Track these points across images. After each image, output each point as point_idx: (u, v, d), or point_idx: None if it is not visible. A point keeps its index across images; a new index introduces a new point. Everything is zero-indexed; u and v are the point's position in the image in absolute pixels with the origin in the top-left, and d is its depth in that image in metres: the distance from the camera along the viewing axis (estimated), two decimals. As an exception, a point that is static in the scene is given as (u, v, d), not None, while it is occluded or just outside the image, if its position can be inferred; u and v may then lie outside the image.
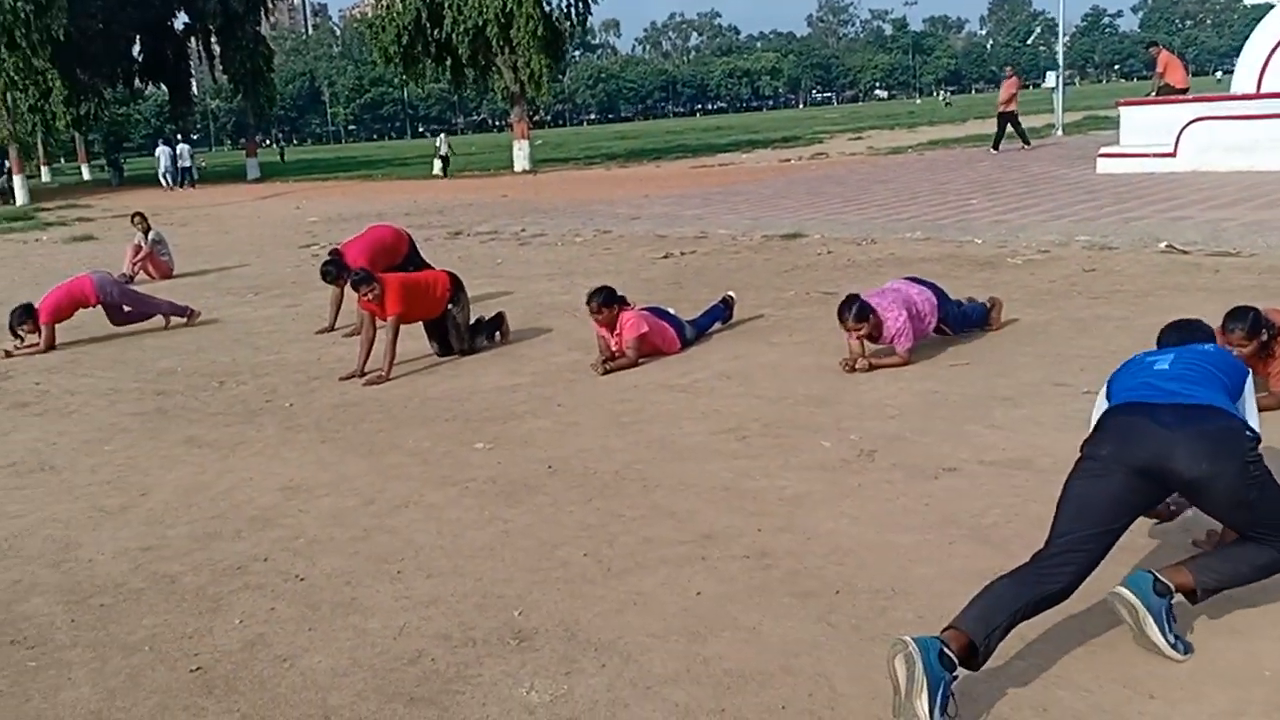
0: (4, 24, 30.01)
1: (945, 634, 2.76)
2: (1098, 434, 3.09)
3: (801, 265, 9.96)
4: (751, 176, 21.53)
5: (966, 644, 2.73)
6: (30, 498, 5.14)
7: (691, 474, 4.65)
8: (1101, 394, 3.26)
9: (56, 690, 3.24)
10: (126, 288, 10.15)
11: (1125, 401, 3.09)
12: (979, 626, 2.77)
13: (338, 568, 3.98)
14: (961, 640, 2.73)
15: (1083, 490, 2.98)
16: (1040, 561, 2.93)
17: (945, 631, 2.77)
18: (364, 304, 7.13)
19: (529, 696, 2.96)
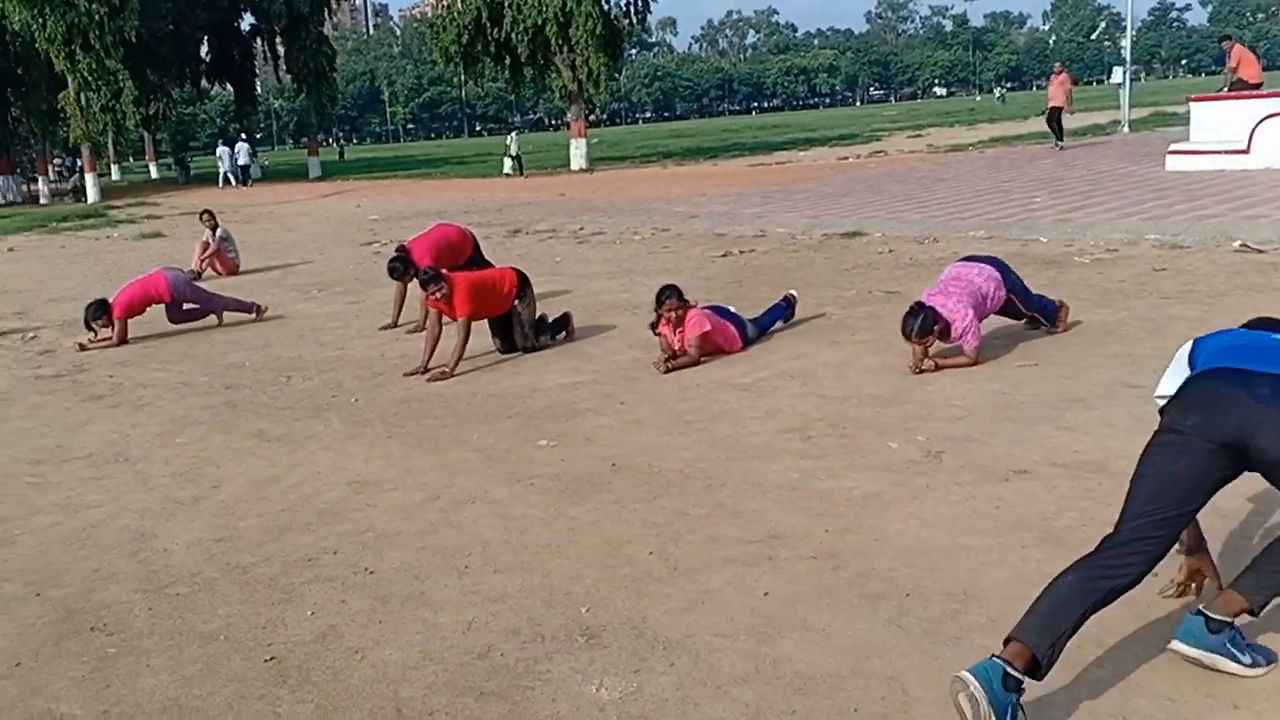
0: (79, 26, 30.65)
1: (1007, 650, 2.65)
2: (1181, 402, 2.83)
3: (862, 264, 9.89)
4: (810, 174, 21.40)
5: (1030, 659, 2.62)
6: (107, 488, 5.26)
7: (757, 473, 4.63)
8: (1180, 356, 3.02)
9: (135, 677, 3.31)
10: (197, 286, 10.33)
11: (1217, 366, 2.83)
12: (1042, 638, 2.64)
13: (406, 562, 4.02)
14: (1025, 655, 2.62)
15: (1161, 467, 2.77)
16: (1107, 551, 2.76)
17: (1007, 646, 2.65)
18: (432, 302, 7.19)
19: (599, 694, 2.97)
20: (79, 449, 6.02)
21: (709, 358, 6.75)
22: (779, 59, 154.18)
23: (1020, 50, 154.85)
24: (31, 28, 30.49)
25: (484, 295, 7.29)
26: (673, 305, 6.66)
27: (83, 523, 4.77)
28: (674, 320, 6.70)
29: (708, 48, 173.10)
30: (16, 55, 35.96)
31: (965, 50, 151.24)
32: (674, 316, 6.68)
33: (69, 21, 30.40)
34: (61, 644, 3.57)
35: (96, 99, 33.56)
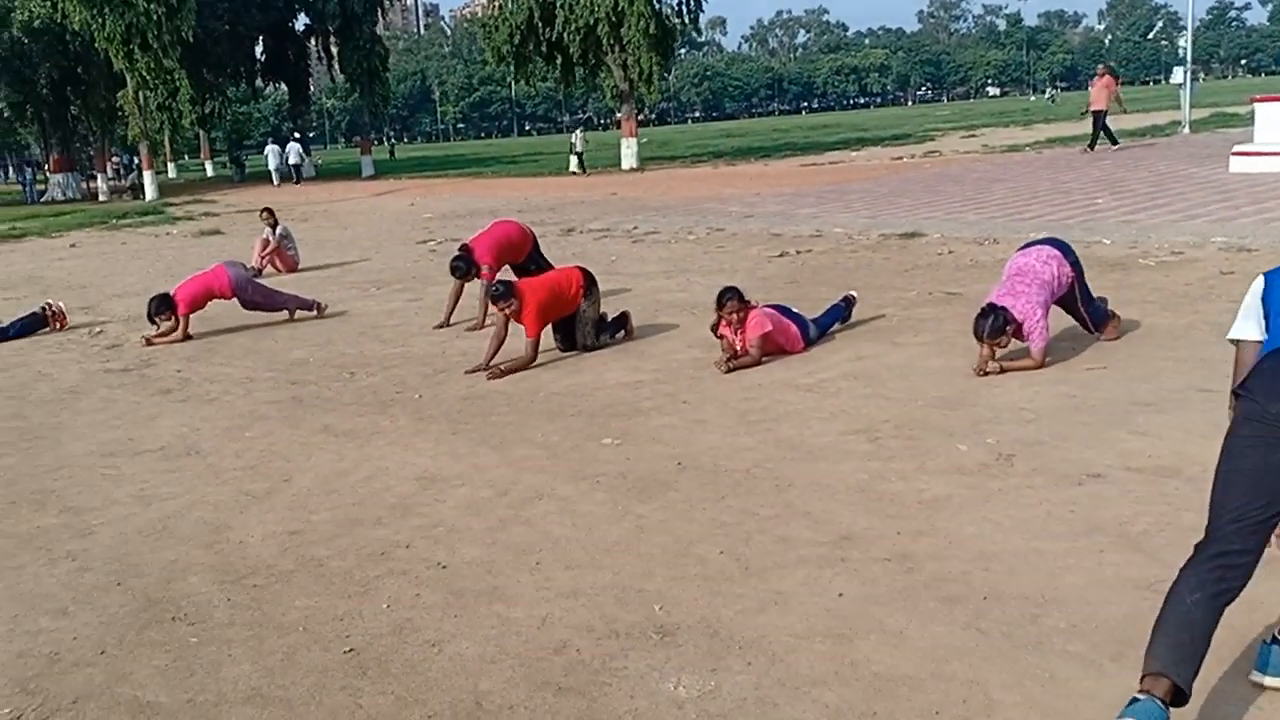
0: (137, 25, 31.17)
1: (1146, 682, 2.49)
2: (1261, 386, 2.58)
3: (922, 265, 9.82)
4: (864, 175, 21.27)
5: (1172, 688, 2.46)
6: (180, 480, 5.36)
7: (824, 474, 4.62)
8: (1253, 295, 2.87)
9: (218, 666, 3.37)
10: (258, 282, 10.45)
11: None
12: (1184, 669, 2.47)
13: (477, 557, 4.06)
14: (1168, 687, 2.46)
15: (1255, 462, 2.52)
16: (1215, 560, 2.55)
17: (1145, 679, 2.49)
18: (501, 312, 7.20)
19: (676, 691, 2.98)
20: (151, 442, 6.14)
21: (770, 358, 6.73)
22: (829, 58, 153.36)
23: (1075, 50, 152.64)
24: (91, 27, 31.04)
25: (553, 307, 7.31)
26: (734, 307, 6.64)
27: (158, 514, 4.87)
28: (735, 322, 6.69)
29: (757, 47, 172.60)
30: (76, 55, 36.67)
31: (1019, 50, 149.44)
32: (735, 318, 6.67)
33: (128, 21, 30.92)
34: (144, 633, 3.65)
35: (154, 98, 34.10)
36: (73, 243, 20.20)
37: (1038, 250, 6.20)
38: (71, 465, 5.78)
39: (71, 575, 4.22)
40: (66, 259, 17.43)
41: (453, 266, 9.01)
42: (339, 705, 3.08)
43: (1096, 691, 2.84)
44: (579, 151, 31.91)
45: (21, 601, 4.00)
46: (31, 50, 35.04)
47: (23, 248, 19.98)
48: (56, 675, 3.40)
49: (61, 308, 10.45)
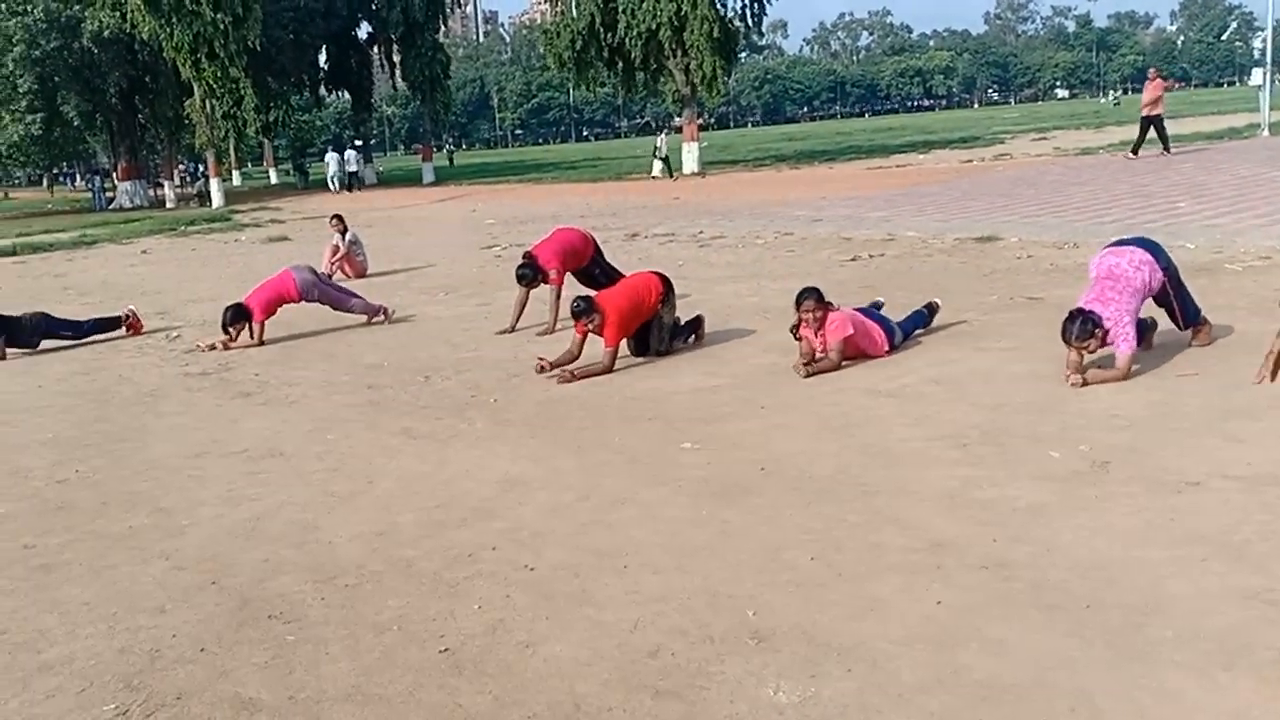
0: (204, 35, 31.82)
1: None
2: None
3: (1000, 269, 9.67)
4: (933, 178, 21.05)
5: None
6: (266, 482, 5.43)
7: (912, 481, 4.56)
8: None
9: (316, 664, 3.40)
10: (324, 284, 10.46)
11: None
12: None
13: (564, 560, 4.06)
14: None
15: None
16: None
17: None
18: (580, 329, 7.16)
19: (776, 697, 2.95)
20: (234, 444, 6.23)
21: (851, 362, 6.65)
22: (893, 60, 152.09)
23: (1146, 51, 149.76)
24: (159, 37, 31.77)
25: (634, 318, 7.29)
26: (810, 307, 6.54)
27: (247, 515, 4.94)
28: (814, 322, 6.61)
29: (819, 50, 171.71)
30: (144, 64, 37.57)
31: (1089, 51, 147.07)
32: (812, 318, 6.59)
33: (195, 31, 31.63)
34: (242, 631, 3.70)
35: (219, 106, 34.82)
36: (144, 249, 20.63)
37: (1130, 254, 6.01)
38: (158, 467, 5.88)
39: (166, 574, 4.29)
40: (139, 265, 17.81)
41: (518, 274, 9.02)
42: (437, 704, 3.09)
43: (1209, 703, 2.77)
44: (664, 156, 31.31)
45: (119, 600, 4.07)
46: (101, 60, 35.86)
47: (96, 254, 20.46)
48: (159, 672, 3.45)
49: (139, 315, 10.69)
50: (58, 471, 5.94)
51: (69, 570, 4.43)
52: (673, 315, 7.59)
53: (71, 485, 5.66)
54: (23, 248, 21.86)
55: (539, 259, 9.09)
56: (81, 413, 7.38)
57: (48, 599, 4.14)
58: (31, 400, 7.92)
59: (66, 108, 36.87)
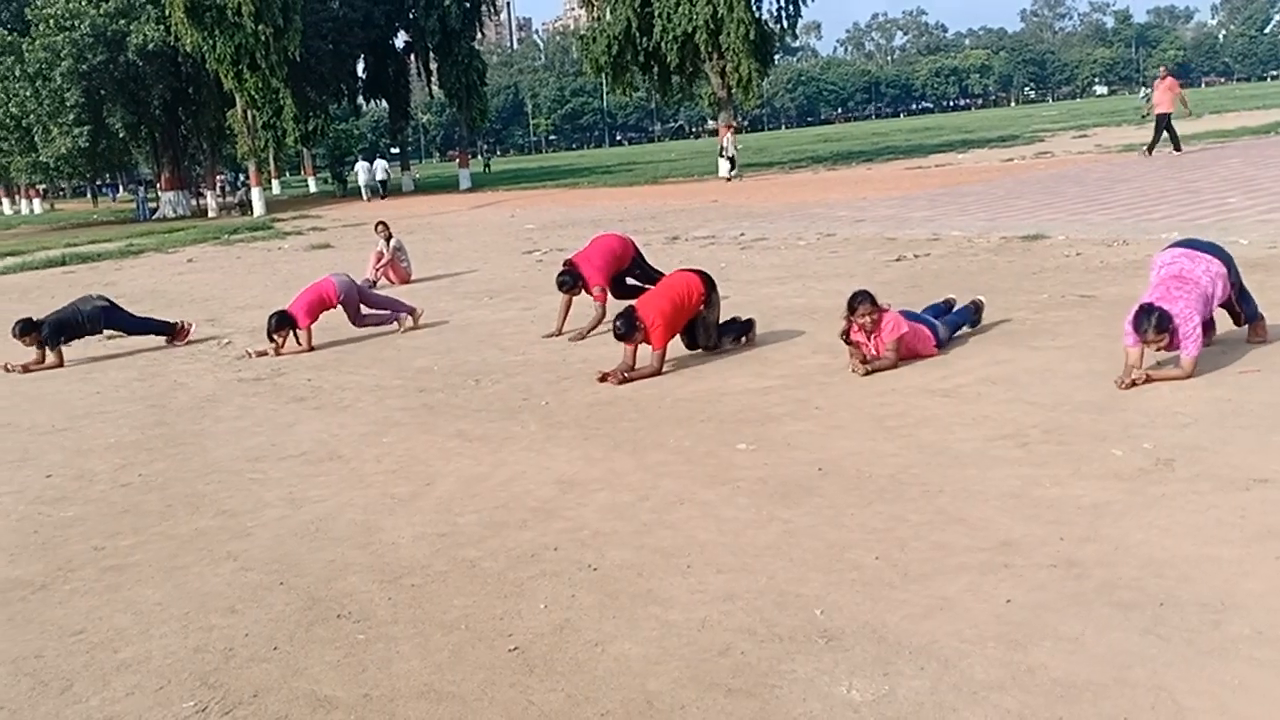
0: (246, 46, 32.19)
1: None
2: None
3: (1049, 268, 9.59)
4: (975, 177, 20.90)
5: None
6: (326, 484, 5.50)
7: (974, 480, 4.54)
8: None
9: (388, 662, 3.45)
10: (363, 288, 10.63)
11: None
12: None
13: (627, 560, 4.09)
14: None
15: None
16: None
17: None
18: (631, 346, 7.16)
19: (850, 695, 2.96)
20: (292, 447, 6.31)
21: (903, 362, 6.63)
22: (928, 60, 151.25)
23: (1187, 46, 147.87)
24: (202, 49, 32.19)
25: (678, 320, 7.28)
26: (867, 310, 6.51)
27: (310, 516, 5.01)
28: (868, 326, 6.57)
29: (853, 50, 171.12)
30: (187, 76, 38.13)
31: (1128, 47, 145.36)
32: (867, 322, 6.56)
33: (237, 42, 31.99)
34: (312, 630, 3.75)
35: (260, 116, 35.21)
36: (189, 258, 20.92)
37: (1207, 263, 5.88)
38: (220, 470, 5.98)
39: (235, 575, 4.36)
40: (186, 273, 18.06)
41: (559, 282, 9.05)
42: (511, 701, 3.12)
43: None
44: (731, 155, 30.30)
45: (191, 599, 4.15)
46: (145, 73, 36.40)
47: (142, 263, 20.77)
48: (234, 670, 3.51)
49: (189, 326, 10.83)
50: (122, 475, 6.05)
51: (140, 571, 4.51)
52: (717, 312, 7.59)
53: (136, 489, 5.76)
54: (71, 258, 22.28)
55: (580, 269, 9.12)
56: (141, 418, 7.50)
57: (121, 599, 4.22)
58: (91, 406, 8.06)
59: (112, 120, 37.40)
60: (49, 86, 33.59)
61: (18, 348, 10.00)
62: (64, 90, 33.54)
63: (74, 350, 10.16)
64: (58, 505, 5.60)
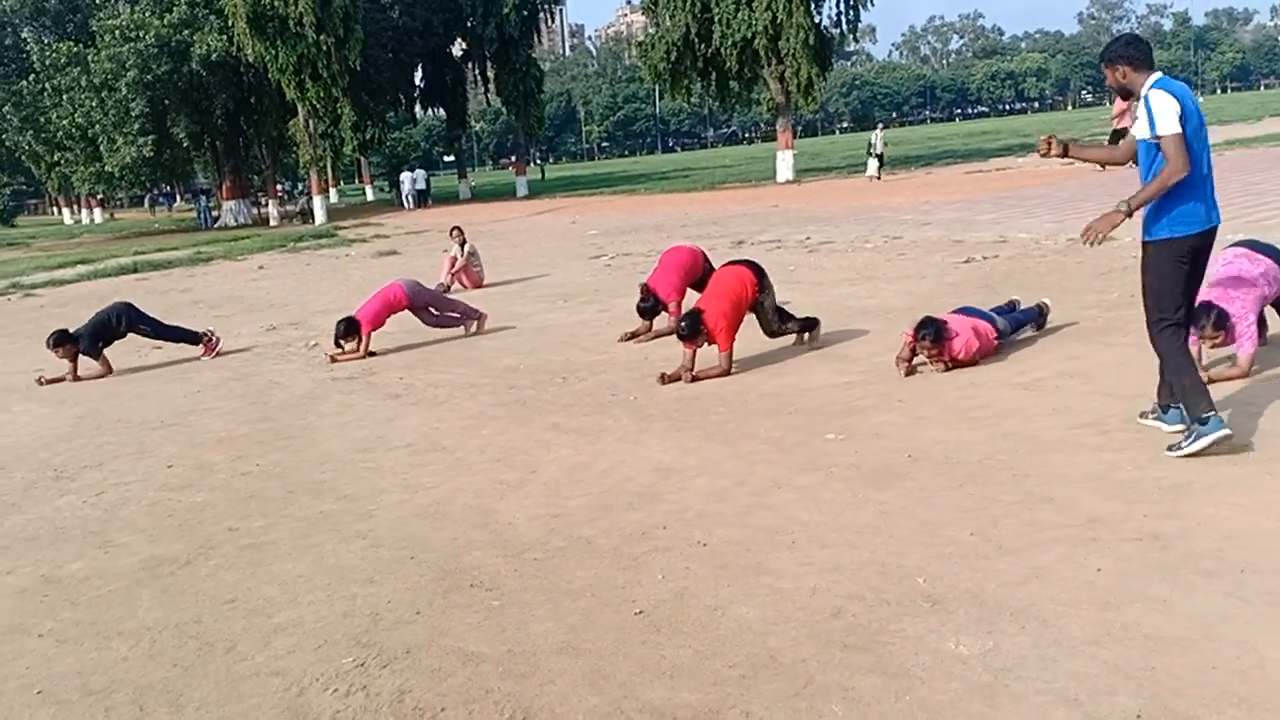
0: (308, 56, 32.81)
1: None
2: None
3: (1117, 268, 9.75)
4: (1037, 180, 20.96)
5: None
6: (436, 472, 5.86)
7: (1058, 464, 4.79)
8: None
9: (525, 624, 3.78)
10: (433, 292, 10.84)
11: None
12: None
13: (733, 537, 4.39)
14: None
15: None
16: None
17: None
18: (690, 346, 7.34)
19: (958, 649, 3.23)
20: (397, 440, 6.69)
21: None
22: (984, 63, 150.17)
23: (1246, 49, 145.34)
24: (265, 59, 32.91)
25: (739, 316, 7.45)
26: (927, 346, 6.66)
27: (426, 500, 5.37)
28: (932, 356, 6.73)
29: (909, 54, 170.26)
30: (250, 86, 38.83)
31: (1185, 50, 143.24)
32: (934, 354, 6.70)
33: (299, 52, 32.62)
34: (449, 597, 4.10)
35: (319, 125, 35.88)
36: (260, 265, 21.46)
37: (1265, 264, 6.05)
38: (333, 460, 6.36)
39: (366, 551, 4.72)
40: (259, 280, 18.60)
41: (640, 310, 9.12)
42: (644, 656, 3.44)
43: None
44: (879, 153, 29.16)
45: (330, 572, 4.51)
46: (209, 83, 37.17)
47: (213, 270, 21.38)
48: (383, 631, 3.86)
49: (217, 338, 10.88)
50: (240, 465, 6.46)
51: (277, 549, 4.89)
52: (773, 299, 7.79)
53: (255, 477, 6.16)
54: (143, 265, 22.96)
55: (658, 291, 9.18)
56: (245, 414, 7.92)
57: (264, 573, 4.60)
58: (195, 403, 8.50)
59: (176, 130, 38.29)
60: (114, 97, 34.20)
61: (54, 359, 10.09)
62: (129, 100, 34.11)
63: (163, 353, 10.59)
64: (185, 492, 6.00)
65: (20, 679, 3.78)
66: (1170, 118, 4.54)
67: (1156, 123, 4.59)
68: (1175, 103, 4.57)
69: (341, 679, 3.53)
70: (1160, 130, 4.57)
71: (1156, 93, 4.63)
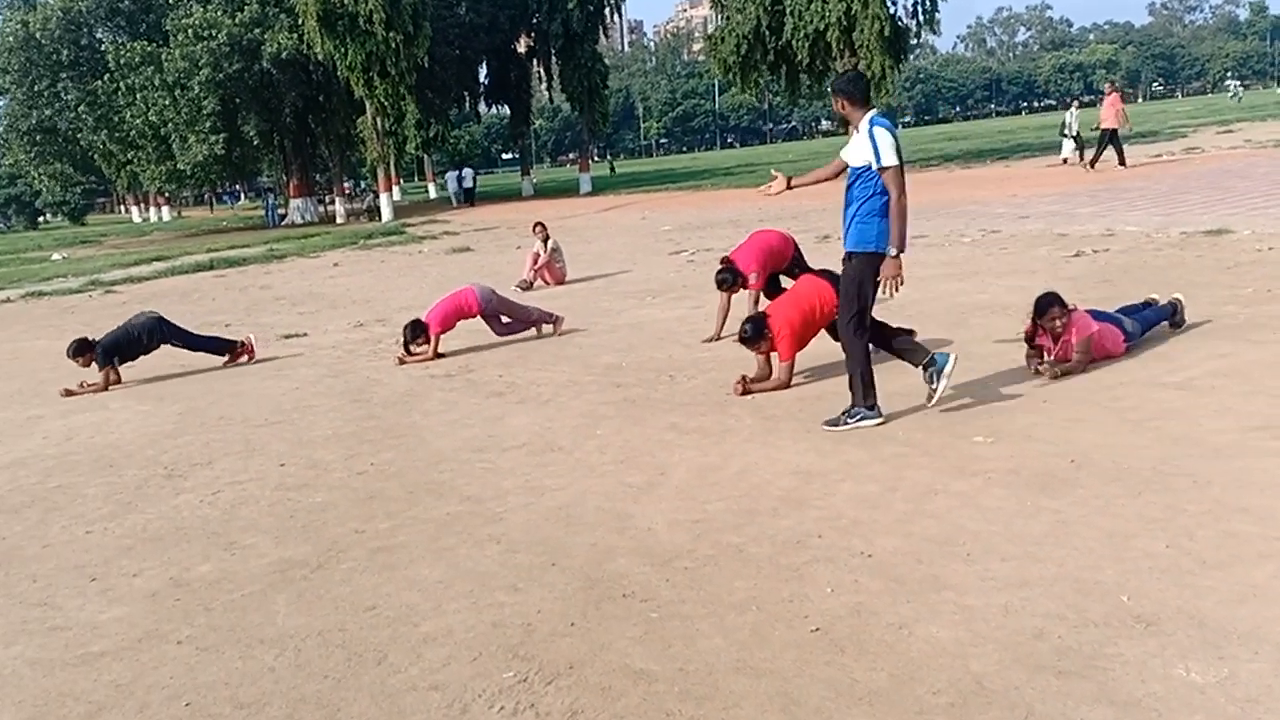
0: (377, 54, 32.87)
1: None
2: None
3: (1244, 262, 9.32)
4: (1128, 174, 20.35)
5: None
6: (557, 474, 5.66)
7: (1243, 471, 4.46)
8: None
9: (691, 639, 3.55)
10: (505, 298, 10.46)
11: None
12: None
13: (899, 547, 4.13)
14: None
15: None
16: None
17: None
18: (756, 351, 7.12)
19: (1190, 677, 2.95)
20: (510, 439, 6.50)
21: (1092, 364, 6.48)
22: (1052, 56, 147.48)
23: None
24: (334, 57, 33.05)
25: (807, 329, 7.05)
26: (1056, 314, 6.39)
27: (554, 503, 5.16)
28: (1057, 329, 6.42)
29: (975, 47, 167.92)
30: (318, 84, 39.08)
31: (1262, 40, 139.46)
32: (1057, 325, 6.40)
33: (368, 50, 32.65)
34: (602, 607, 3.89)
35: (384, 123, 36.00)
36: (335, 262, 21.52)
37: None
38: (447, 460, 6.19)
39: (503, 556, 4.53)
40: (336, 276, 18.62)
41: (718, 280, 8.97)
42: (832, 679, 3.19)
43: None
44: (1075, 134, 25.95)
45: (470, 578, 4.32)
46: (279, 80, 37.38)
47: (289, 267, 21.50)
48: (539, 643, 3.66)
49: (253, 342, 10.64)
50: (354, 464, 6.31)
51: (409, 552, 4.72)
52: None
53: (371, 476, 6.01)
54: (218, 262, 23.19)
55: (738, 264, 9.03)
56: (348, 412, 7.80)
57: (402, 578, 4.42)
58: (296, 401, 8.40)
59: (246, 128, 38.54)
60: (187, 95, 34.54)
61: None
62: (201, 99, 34.39)
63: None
64: (303, 491, 5.86)
65: (165, 689, 3.64)
66: (892, 152, 5.50)
67: (882, 155, 5.52)
68: (893, 139, 5.53)
69: (505, 695, 3.33)
70: (885, 162, 5.51)
71: (880, 130, 5.53)
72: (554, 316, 10.27)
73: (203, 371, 10.02)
